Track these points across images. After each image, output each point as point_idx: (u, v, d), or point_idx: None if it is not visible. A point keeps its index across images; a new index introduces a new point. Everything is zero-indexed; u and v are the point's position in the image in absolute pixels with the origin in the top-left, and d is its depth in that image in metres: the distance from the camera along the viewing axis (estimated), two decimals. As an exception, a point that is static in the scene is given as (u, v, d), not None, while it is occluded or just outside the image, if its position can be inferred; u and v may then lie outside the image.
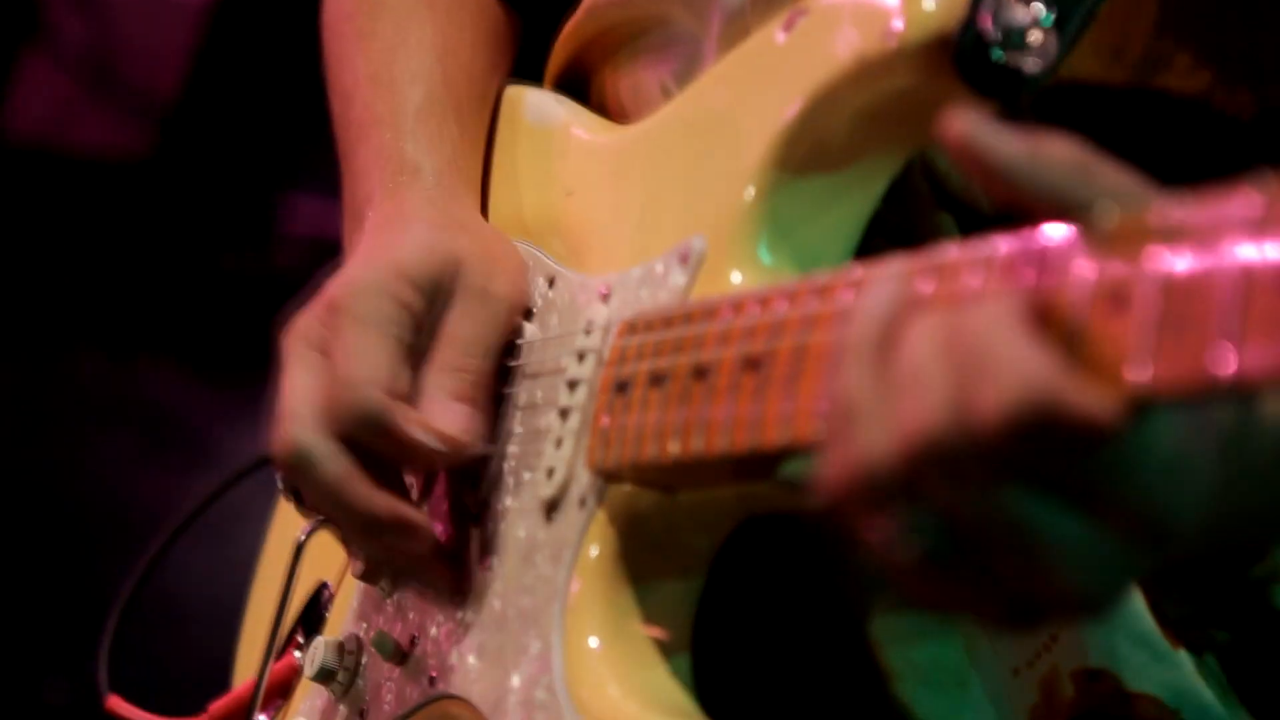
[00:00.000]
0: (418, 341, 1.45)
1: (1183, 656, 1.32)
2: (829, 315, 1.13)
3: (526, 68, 1.74)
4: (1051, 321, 0.96)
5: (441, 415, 1.41)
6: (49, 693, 3.97)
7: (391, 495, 1.43)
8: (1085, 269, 0.96)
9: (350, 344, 1.42)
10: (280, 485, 1.53)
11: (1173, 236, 0.92)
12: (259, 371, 1.59)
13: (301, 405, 1.42)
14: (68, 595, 4.04)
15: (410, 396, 1.43)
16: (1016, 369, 0.93)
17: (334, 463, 1.41)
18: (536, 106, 1.65)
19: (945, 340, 0.97)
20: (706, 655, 1.33)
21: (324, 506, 1.45)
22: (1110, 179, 0.99)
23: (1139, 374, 0.91)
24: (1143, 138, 1.30)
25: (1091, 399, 0.92)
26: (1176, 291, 0.91)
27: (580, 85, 1.66)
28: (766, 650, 1.43)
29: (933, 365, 0.96)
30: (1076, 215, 0.98)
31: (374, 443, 1.41)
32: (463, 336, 1.45)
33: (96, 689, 1.80)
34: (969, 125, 1.00)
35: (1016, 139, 1.00)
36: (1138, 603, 1.31)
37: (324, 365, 1.44)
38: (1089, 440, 0.92)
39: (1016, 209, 1.00)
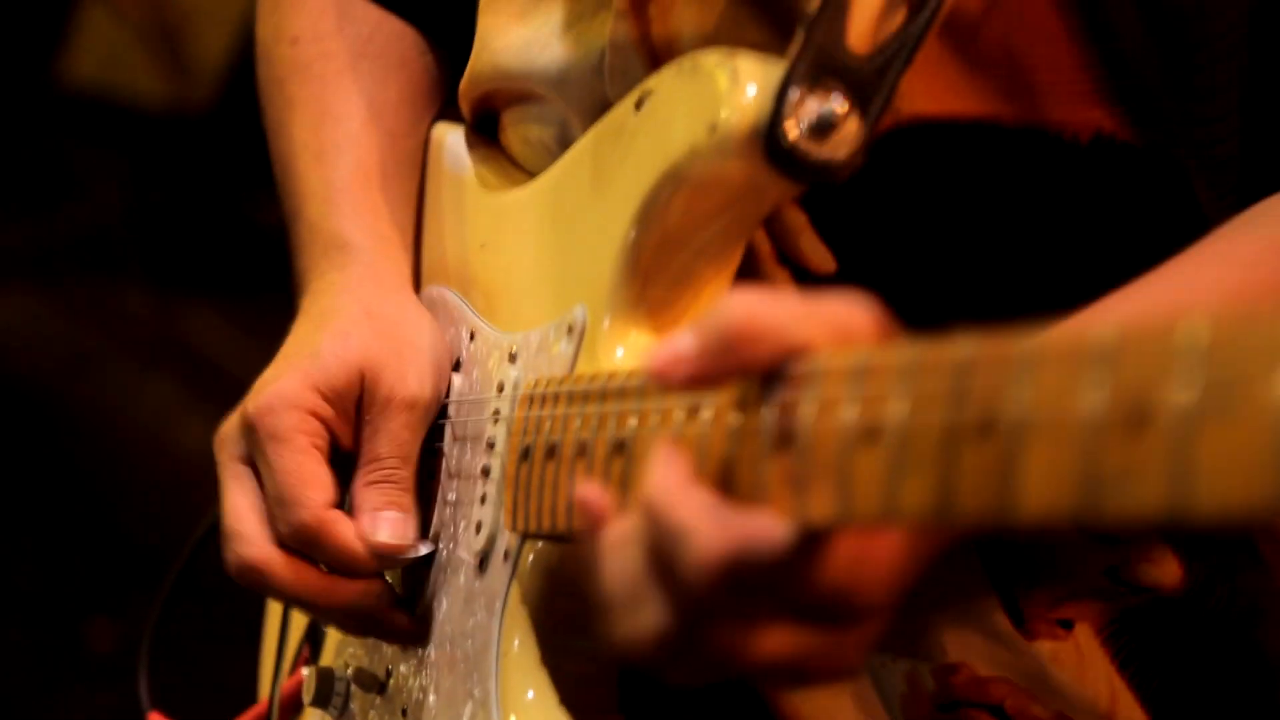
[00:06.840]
0: (340, 440, 1.58)
1: (1038, 646, 1.44)
2: (668, 407, 1.24)
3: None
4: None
5: (372, 528, 1.54)
6: (91, 637, 4.14)
7: (343, 580, 1.56)
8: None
9: (274, 463, 1.54)
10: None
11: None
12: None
13: (243, 524, 1.55)
14: (106, 536, 4.21)
15: (342, 497, 1.56)
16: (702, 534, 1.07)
17: (285, 572, 1.55)
18: (453, 152, 1.74)
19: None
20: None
21: (286, 602, 1.60)
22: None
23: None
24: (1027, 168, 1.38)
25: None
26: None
27: (494, 121, 1.74)
28: None
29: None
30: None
31: (315, 554, 1.55)
32: (379, 451, 1.57)
33: (139, 706, 1.96)
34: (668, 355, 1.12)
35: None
36: (991, 604, 1.42)
37: (254, 482, 1.57)
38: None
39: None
